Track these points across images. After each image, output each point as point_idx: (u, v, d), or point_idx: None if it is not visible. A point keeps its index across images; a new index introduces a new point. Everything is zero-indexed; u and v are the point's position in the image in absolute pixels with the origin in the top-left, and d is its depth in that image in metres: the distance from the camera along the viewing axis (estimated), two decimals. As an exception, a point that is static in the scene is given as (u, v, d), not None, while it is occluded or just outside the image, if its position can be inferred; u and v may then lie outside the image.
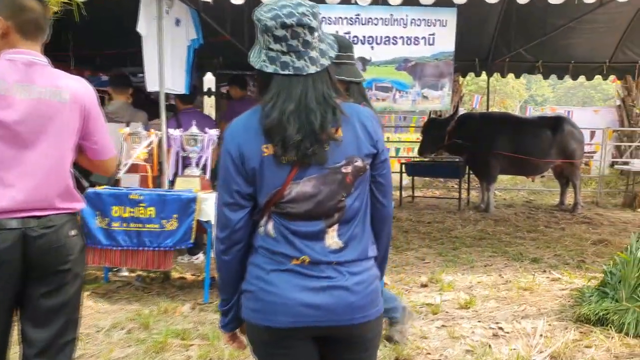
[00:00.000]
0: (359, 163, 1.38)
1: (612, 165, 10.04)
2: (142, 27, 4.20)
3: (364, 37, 4.68)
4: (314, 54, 1.35)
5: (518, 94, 38.42)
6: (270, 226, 1.38)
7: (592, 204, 9.07)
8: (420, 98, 4.84)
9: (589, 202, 9.20)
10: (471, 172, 8.76)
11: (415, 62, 4.76)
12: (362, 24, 4.62)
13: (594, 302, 3.26)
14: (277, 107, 1.32)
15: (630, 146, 10.89)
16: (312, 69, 1.34)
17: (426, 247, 5.68)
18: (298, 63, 1.33)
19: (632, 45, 8.49)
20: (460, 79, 11.01)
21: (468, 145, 8.00)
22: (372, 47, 4.71)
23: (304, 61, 1.34)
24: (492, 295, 3.91)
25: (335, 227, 1.39)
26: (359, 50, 3.88)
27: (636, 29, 8.13)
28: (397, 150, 13.19)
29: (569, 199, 8.84)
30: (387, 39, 4.67)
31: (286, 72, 1.33)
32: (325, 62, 1.38)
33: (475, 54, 8.90)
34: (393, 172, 9.60)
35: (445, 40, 4.70)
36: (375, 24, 4.61)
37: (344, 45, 2.18)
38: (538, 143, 7.98)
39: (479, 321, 3.43)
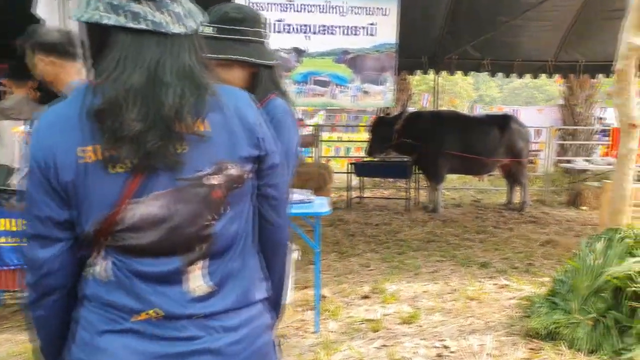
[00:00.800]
0: (233, 171, 0.97)
1: (556, 163, 10.12)
2: (41, 9, 3.62)
3: (298, 25, 4.25)
4: (179, 9, 0.93)
5: (467, 94, 39.26)
6: (103, 266, 0.94)
7: (539, 203, 9.09)
8: (361, 93, 4.49)
9: (535, 201, 9.21)
10: (420, 172, 8.58)
11: (355, 54, 4.41)
12: (296, 11, 4.19)
13: (544, 314, 3.01)
14: (116, 82, 0.87)
15: (573, 145, 11.05)
16: (177, 29, 0.91)
17: (371, 251, 5.36)
18: (157, 16, 0.89)
19: (573, 44, 8.54)
20: (408, 77, 10.85)
21: (416, 144, 7.79)
22: (307, 37, 4.30)
23: (167, 15, 0.90)
24: (438, 307, 3.61)
25: (201, 263, 0.96)
26: (293, 40, 3.51)
27: (577, 29, 8.16)
28: (348, 150, 12.94)
29: (517, 198, 8.82)
30: (323, 28, 4.28)
31: (138, 26, 0.88)
32: (194, 25, 0.95)
33: (422, 51, 8.71)
34: (342, 173, 9.39)
35: (387, 31, 4.36)
36: (311, 11, 4.20)
37: (249, 18, 1.67)
38: (486, 142, 7.87)
39: (423, 339, 3.11)
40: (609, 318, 2.71)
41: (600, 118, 11.77)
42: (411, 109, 11.28)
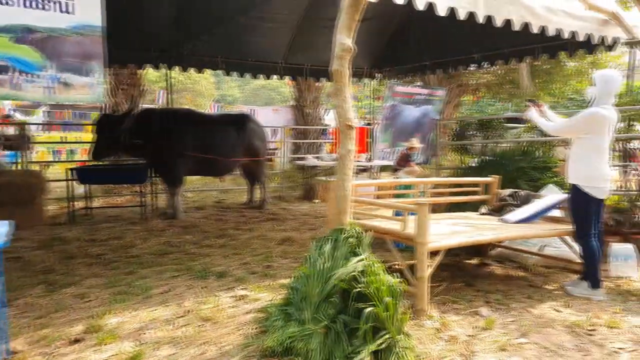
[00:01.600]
0: None
1: (291, 161, 10.68)
2: None
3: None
4: None
5: (208, 93, 39.47)
6: None
7: (278, 199, 9.41)
8: (60, 85, 3.55)
9: (274, 197, 9.51)
10: (156, 176, 7.85)
11: (46, 35, 3.47)
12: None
13: (279, 328, 2.79)
14: None
15: (304, 143, 11.87)
16: None
17: (94, 276, 4.45)
18: None
19: (300, 48, 9.06)
20: (141, 71, 9.91)
21: (150, 145, 7.05)
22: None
23: None
24: (167, 338, 3.08)
25: None
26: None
27: (302, 33, 8.67)
28: (72, 152, 11.20)
29: (258, 196, 8.94)
30: (-6, -7, 3.18)
31: None
32: None
33: (151, 43, 7.96)
34: (62, 180, 7.88)
35: (89, 10, 3.54)
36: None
37: None
38: (225, 142, 7.66)
39: (146, 386, 2.54)
40: (338, 323, 2.64)
41: (322, 119, 13.02)
42: (149, 107, 10.36)
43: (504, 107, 20.59)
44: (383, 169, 10.26)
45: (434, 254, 3.29)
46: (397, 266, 3.59)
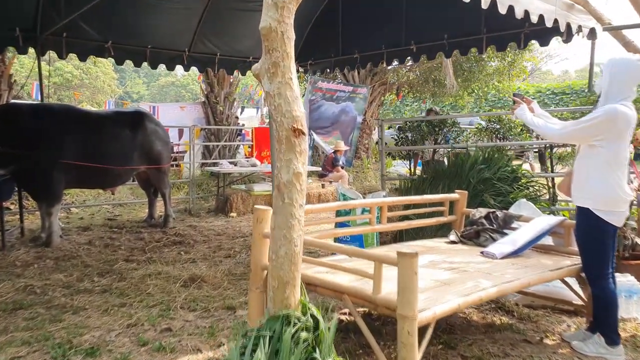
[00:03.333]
0: None
1: (202, 166, 9.22)
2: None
3: None
4: None
5: (111, 90, 36.11)
6: None
7: (186, 213, 7.95)
8: None
9: (181, 211, 8.03)
10: (25, 190, 6.11)
11: None
12: None
13: None
14: None
15: (217, 146, 10.44)
16: None
17: None
18: None
19: (209, 34, 7.65)
20: (7, 57, 7.95)
21: (15, 152, 5.32)
22: None
23: None
24: None
25: None
26: None
27: (212, 16, 7.28)
28: None
29: (160, 210, 7.42)
30: None
31: None
32: None
33: (13, 21, 6.18)
34: None
35: None
36: None
37: None
38: (115, 145, 6.10)
39: None
40: None
41: (237, 117, 11.64)
42: (13, 102, 8.37)
43: (421, 108, 20.44)
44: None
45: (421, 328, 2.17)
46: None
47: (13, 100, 8.19)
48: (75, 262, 5.01)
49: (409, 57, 6.77)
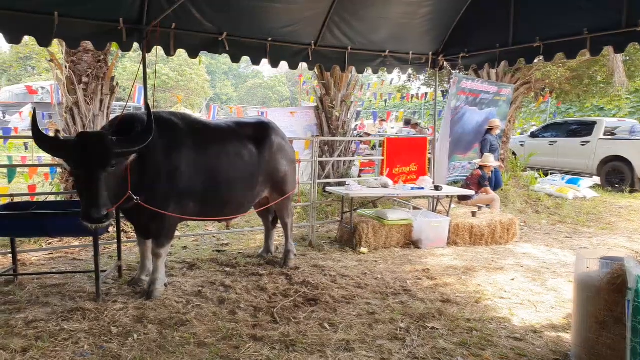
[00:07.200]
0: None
1: (324, 188, 7.70)
2: None
3: None
4: None
5: (204, 92, 36.36)
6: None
7: (305, 244, 6.46)
8: None
9: (299, 239, 6.57)
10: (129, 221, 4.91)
11: None
12: None
13: None
14: None
15: (329, 161, 8.87)
16: None
17: None
18: None
19: (341, 22, 6.11)
20: (110, 57, 6.93)
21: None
22: None
23: None
24: None
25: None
26: None
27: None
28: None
29: (278, 240, 6.04)
30: None
31: None
32: None
33: (117, 11, 5.02)
34: None
35: None
36: None
37: None
38: (240, 166, 4.71)
39: None
40: None
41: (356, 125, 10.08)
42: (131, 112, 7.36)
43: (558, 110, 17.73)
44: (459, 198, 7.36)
45: None
46: None
47: (131, 110, 7.17)
48: (184, 334, 3.62)
49: (633, 43, 4.73)
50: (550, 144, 13.09)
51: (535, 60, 6.28)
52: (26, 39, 4.88)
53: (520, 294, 4.74)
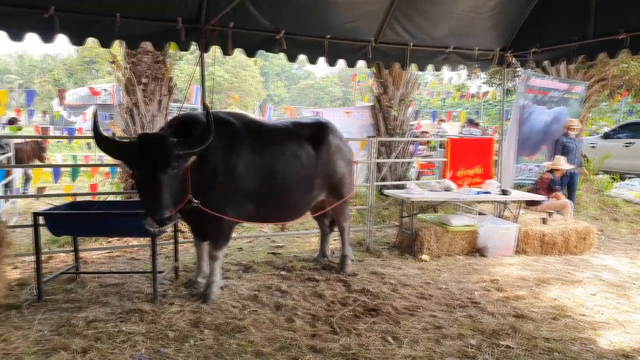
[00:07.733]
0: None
1: (380, 190, 7.44)
2: None
3: None
4: None
5: (257, 93, 36.82)
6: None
7: (362, 249, 6.21)
8: None
9: (356, 244, 6.33)
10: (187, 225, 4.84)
11: None
12: None
13: None
14: None
15: (386, 163, 8.57)
16: None
17: None
18: None
19: (402, 17, 5.82)
20: (168, 58, 6.97)
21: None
22: None
23: None
24: None
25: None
26: None
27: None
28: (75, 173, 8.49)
29: (333, 244, 5.83)
30: None
31: None
32: None
33: (176, 10, 4.99)
34: (26, 226, 4.77)
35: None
36: None
37: None
38: (299, 168, 4.55)
39: None
40: None
41: (412, 124, 9.73)
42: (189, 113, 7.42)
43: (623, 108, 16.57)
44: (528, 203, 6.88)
45: None
46: None
47: (187, 111, 7.23)
48: (241, 341, 3.47)
49: None
50: (626, 146, 12.13)
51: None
52: (89, 41, 4.93)
53: (604, 311, 4.28)
